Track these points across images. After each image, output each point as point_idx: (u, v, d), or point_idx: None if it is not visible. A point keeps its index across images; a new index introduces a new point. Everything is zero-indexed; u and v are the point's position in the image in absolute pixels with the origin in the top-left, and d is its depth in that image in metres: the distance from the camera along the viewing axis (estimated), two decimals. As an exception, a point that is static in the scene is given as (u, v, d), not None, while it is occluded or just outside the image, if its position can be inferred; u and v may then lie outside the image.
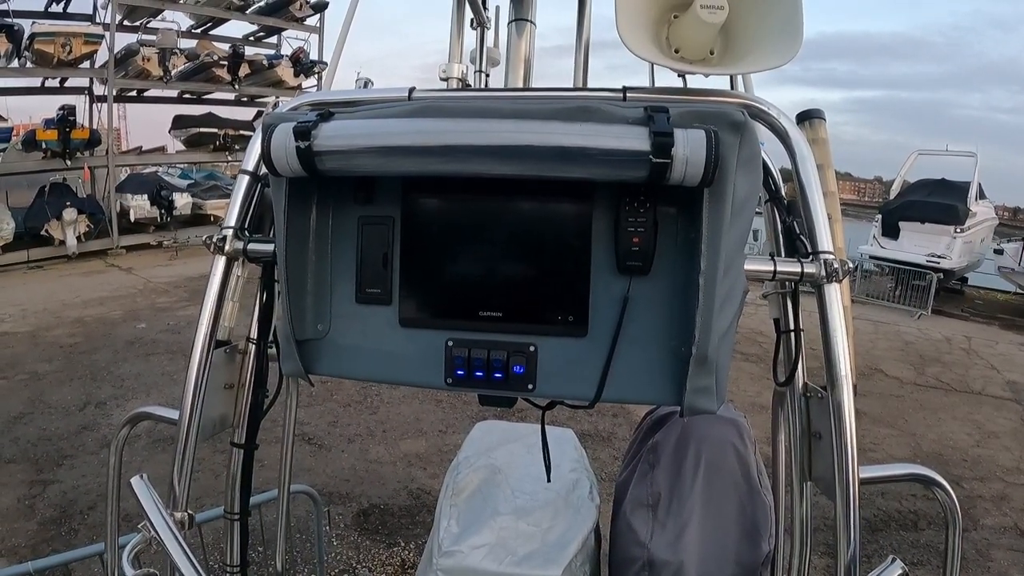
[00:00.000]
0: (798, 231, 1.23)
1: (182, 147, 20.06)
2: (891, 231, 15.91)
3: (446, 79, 1.59)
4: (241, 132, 19.06)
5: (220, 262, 1.31)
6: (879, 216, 16.81)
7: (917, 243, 15.19)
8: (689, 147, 0.94)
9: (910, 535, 5.11)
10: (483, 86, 1.78)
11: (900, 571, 1.20)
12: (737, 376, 8.20)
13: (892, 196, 17.71)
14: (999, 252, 15.98)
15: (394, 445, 6.30)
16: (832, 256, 1.16)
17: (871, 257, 16.03)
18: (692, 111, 1.01)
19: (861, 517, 1.17)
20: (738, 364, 8.65)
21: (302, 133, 1.02)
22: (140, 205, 17.36)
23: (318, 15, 20.83)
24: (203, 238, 1.33)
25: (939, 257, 14.70)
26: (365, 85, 1.51)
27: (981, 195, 16.32)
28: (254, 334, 1.47)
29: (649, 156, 0.94)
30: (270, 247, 1.28)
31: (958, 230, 14.96)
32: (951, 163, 17.02)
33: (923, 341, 11.49)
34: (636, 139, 0.95)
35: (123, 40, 17.28)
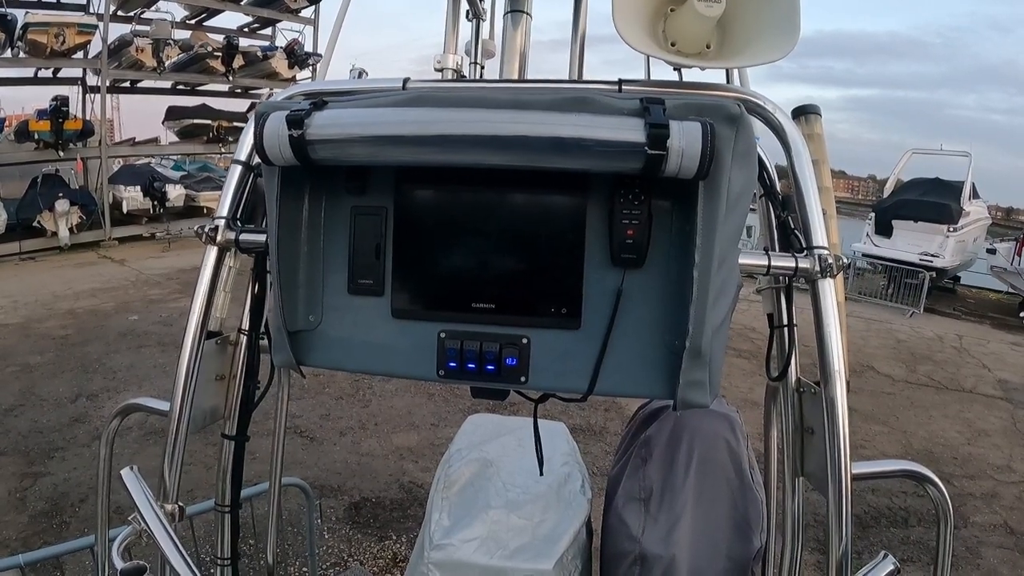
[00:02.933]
0: (792, 226, 1.23)
1: (175, 139, 19.99)
2: (885, 229, 15.95)
3: (441, 70, 1.58)
4: (235, 124, 18.97)
5: (212, 252, 1.31)
6: (873, 214, 16.85)
7: (910, 241, 15.23)
8: (685, 139, 0.94)
9: (900, 532, 5.13)
10: (478, 78, 1.77)
11: (892, 567, 1.20)
12: (729, 371, 8.21)
13: (886, 194, 17.75)
14: (992, 252, 16.04)
15: (386, 438, 6.30)
16: (826, 251, 1.16)
17: (864, 255, 16.06)
18: (688, 103, 1.01)
19: (852, 513, 1.17)
20: (730, 360, 8.66)
21: (295, 121, 1.02)
22: (133, 197, 17.29)
23: (313, 7, 20.73)
24: (195, 228, 1.32)
25: (932, 256, 14.74)
26: (359, 76, 1.50)
27: (975, 195, 16.37)
28: (246, 325, 1.46)
29: (644, 147, 0.94)
30: (262, 237, 1.27)
31: (951, 229, 15.00)
32: (945, 163, 17.08)
33: (915, 339, 11.54)
34: (631, 130, 0.95)
35: (117, 30, 17.18)
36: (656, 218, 1.10)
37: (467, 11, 1.78)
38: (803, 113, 1.40)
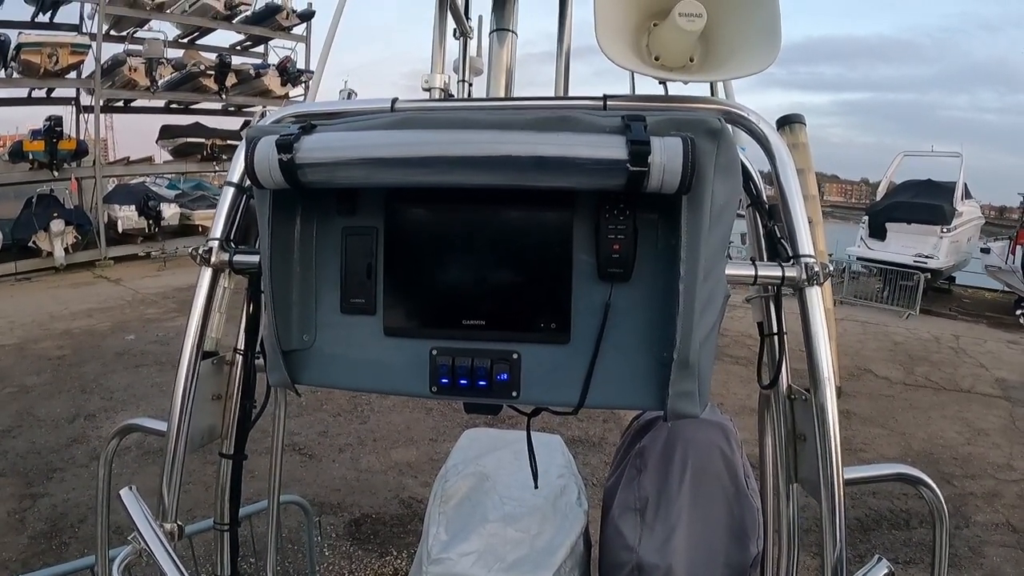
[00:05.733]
0: (779, 235, 1.24)
1: (169, 157, 20.02)
2: (878, 232, 15.99)
3: (428, 89, 1.60)
4: (228, 142, 19.03)
5: (206, 274, 1.32)
6: (866, 217, 16.89)
7: (904, 243, 15.27)
8: (666, 155, 0.95)
9: (902, 534, 5.13)
10: (466, 95, 1.79)
11: (886, 570, 1.21)
12: (726, 379, 8.23)
13: (879, 197, 17.81)
14: (986, 251, 16.09)
15: (385, 454, 6.29)
16: (813, 259, 1.17)
17: (859, 258, 16.12)
18: (669, 119, 1.02)
19: (852, 517, 1.18)
20: (727, 367, 8.67)
21: (284, 146, 1.03)
22: (128, 216, 17.31)
23: (304, 24, 20.85)
24: (190, 250, 1.33)
25: (926, 257, 14.78)
26: (349, 96, 1.52)
27: (967, 195, 16.43)
28: (241, 345, 1.47)
29: (626, 164, 0.95)
30: (256, 258, 1.28)
31: (945, 230, 15.05)
32: (937, 164, 17.17)
33: (912, 341, 11.56)
34: (613, 148, 0.96)
35: (110, 50, 17.32)
36: (641, 232, 1.11)
37: (454, 30, 1.80)
38: (787, 123, 1.42)
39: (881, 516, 5.35)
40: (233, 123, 20.81)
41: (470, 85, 1.81)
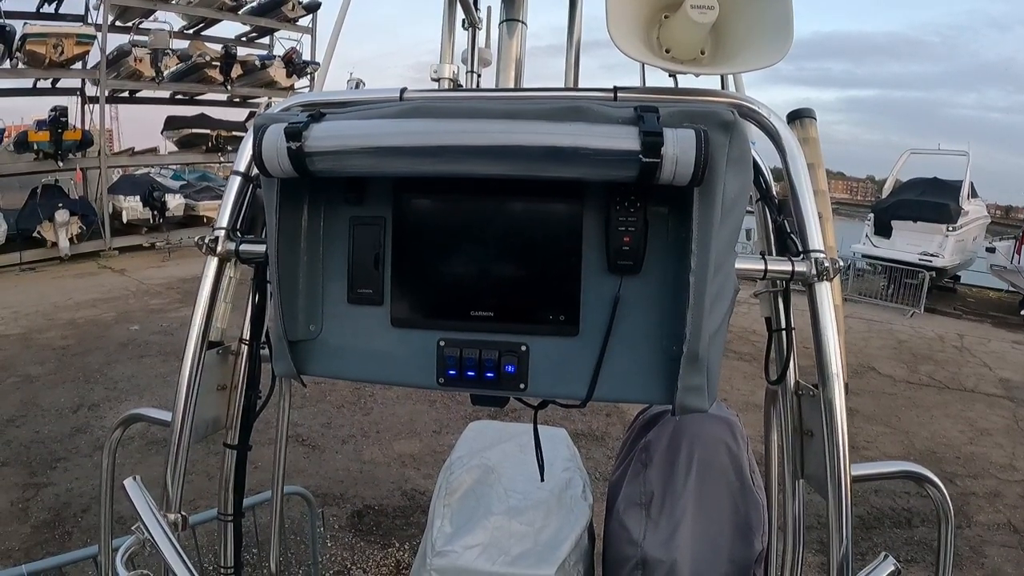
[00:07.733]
0: (789, 230, 1.23)
1: (174, 148, 20.05)
2: (884, 230, 15.96)
3: (437, 79, 1.59)
4: (234, 133, 19.03)
5: (212, 263, 1.31)
6: (872, 215, 16.87)
7: (910, 242, 15.24)
8: (678, 146, 0.94)
9: (904, 532, 5.13)
10: (474, 86, 1.78)
11: (892, 568, 1.20)
12: (730, 375, 8.22)
13: (885, 195, 17.76)
14: (991, 250, 16.05)
15: (388, 446, 6.30)
16: (823, 255, 1.17)
17: (864, 256, 16.10)
18: (682, 111, 1.01)
19: (855, 515, 1.17)
20: (731, 363, 8.66)
21: (293, 134, 1.02)
22: (132, 207, 17.32)
23: (310, 15, 20.83)
24: (195, 239, 1.32)
25: (932, 255, 14.74)
26: (357, 86, 1.51)
27: (973, 194, 16.39)
28: (247, 335, 1.46)
29: (639, 155, 0.94)
30: (262, 248, 1.27)
31: (950, 228, 15.01)
32: (943, 162, 17.12)
33: (916, 339, 11.53)
34: (626, 139, 0.95)
35: (115, 41, 17.30)
36: (652, 225, 1.10)
37: (463, 20, 1.79)
38: (798, 117, 1.40)
39: (883, 514, 5.35)
40: (238, 114, 20.81)
41: (479, 76, 1.80)
